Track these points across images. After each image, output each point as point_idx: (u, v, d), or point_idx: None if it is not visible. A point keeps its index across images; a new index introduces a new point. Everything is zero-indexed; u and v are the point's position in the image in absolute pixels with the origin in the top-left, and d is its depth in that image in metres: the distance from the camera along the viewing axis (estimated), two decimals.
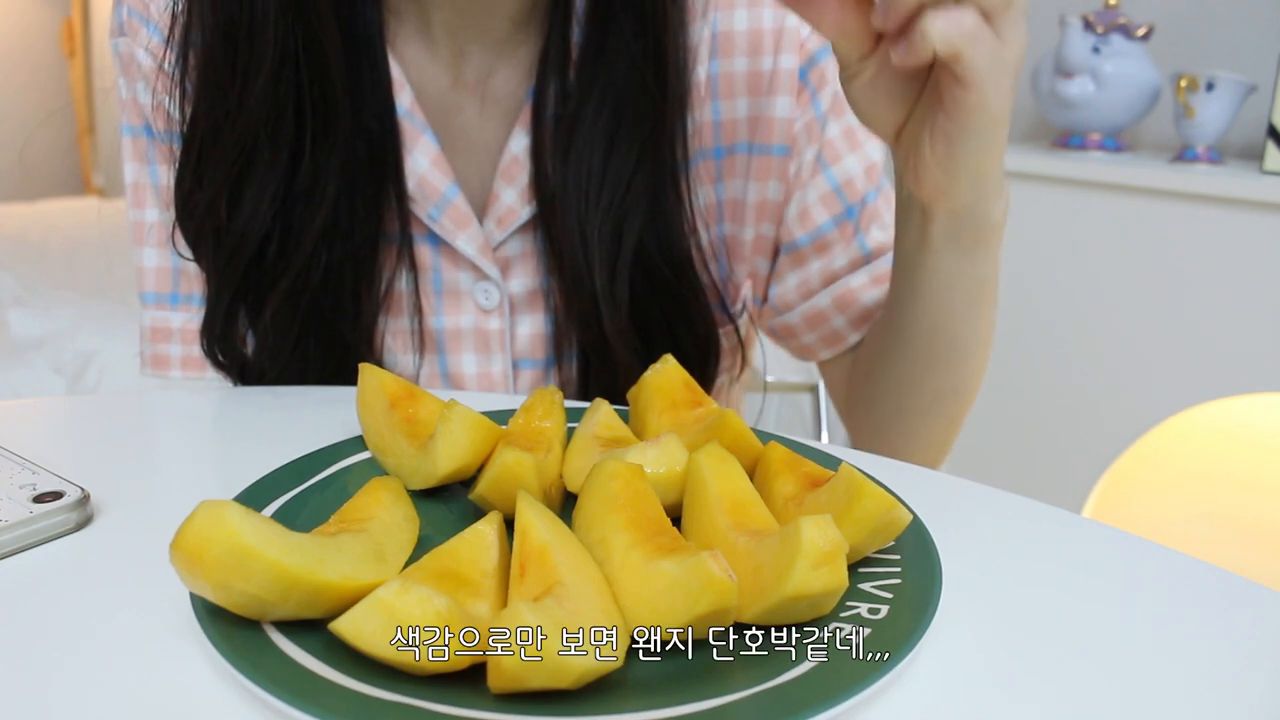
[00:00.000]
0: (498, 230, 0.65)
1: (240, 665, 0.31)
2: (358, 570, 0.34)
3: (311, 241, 0.60)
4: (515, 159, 0.64)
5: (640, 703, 0.30)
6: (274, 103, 0.58)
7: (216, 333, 0.64)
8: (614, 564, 0.36)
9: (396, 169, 0.62)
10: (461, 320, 0.66)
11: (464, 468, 0.44)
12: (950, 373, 0.62)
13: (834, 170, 0.66)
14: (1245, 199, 1.23)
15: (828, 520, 0.33)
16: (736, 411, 0.47)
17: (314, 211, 0.60)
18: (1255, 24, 1.44)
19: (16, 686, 0.32)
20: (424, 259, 0.65)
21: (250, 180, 0.59)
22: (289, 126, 0.59)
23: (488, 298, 0.65)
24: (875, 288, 0.67)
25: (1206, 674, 0.34)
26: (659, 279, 0.63)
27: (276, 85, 0.57)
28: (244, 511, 0.33)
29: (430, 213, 0.64)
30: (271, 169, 0.59)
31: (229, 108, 0.58)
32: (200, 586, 0.32)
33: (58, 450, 0.50)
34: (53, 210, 2.52)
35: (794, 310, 0.70)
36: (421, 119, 0.63)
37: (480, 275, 0.65)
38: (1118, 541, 0.43)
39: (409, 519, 0.41)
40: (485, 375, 0.66)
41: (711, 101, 0.65)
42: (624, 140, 0.61)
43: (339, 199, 0.60)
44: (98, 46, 3.24)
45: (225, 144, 0.58)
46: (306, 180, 0.60)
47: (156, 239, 0.67)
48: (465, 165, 0.65)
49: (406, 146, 0.63)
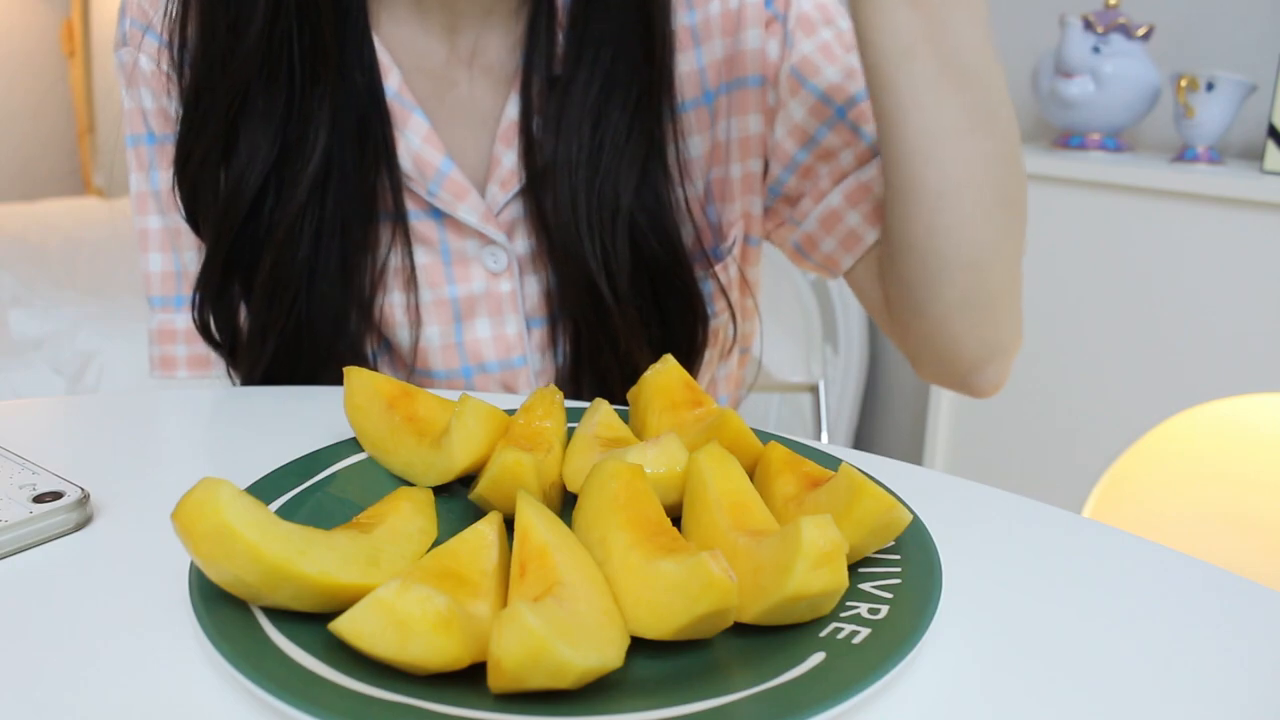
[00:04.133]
0: (501, 193, 0.67)
1: (240, 665, 0.31)
2: (341, 569, 0.34)
3: (304, 191, 0.61)
4: (512, 124, 0.66)
5: (640, 703, 0.30)
6: (267, 50, 0.60)
7: (211, 295, 0.65)
8: (614, 564, 0.36)
9: (389, 150, 0.64)
10: (474, 287, 0.67)
11: (480, 460, 0.45)
12: (928, 171, 0.58)
13: (815, 82, 0.66)
14: (1245, 199, 1.23)
15: (828, 520, 0.33)
16: (735, 409, 0.47)
17: (305, 159, 0.61)
18: (1255, 24, 1.44)
19: (16, 686, 0.32)
20: (429, 234, 0.67)
21: (246, 127, 0.61)
22: (283, 74, 0.61)
23: (495, 261, 0.67)
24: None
25: (1207, 673, 0.34)
26: (648, 251, 0.65)
27: (271, 30, 0.59)
28: (236, 493, 0.33)
29: (429, 188, 0.65)
30: (266, 118, 0.61)
31: (224, 54, 0.60)
32: (196, 560, 0.33)
33: (58, 450, 0.50)
34: (53, 210, 2.52)
35: (810, 217, 0.69)
36: (410, 99, 0.65)
37: (486, 241, 0.67)
38: (1118, 541, 0.43)
39: (424, 531, 0.40)
40: (501, 338, 0.68)
41: (694, 49, 0.67)
42: (614, 109, 0.63)
43: (331, 151, 0.62)
44: (98, 46, 3.24)
45: (220, 90, 0.61)
46: (298, 129, 0.62)
47: (159, 244, 0.70)
48: (465, 135, 0.67)
49: (398, 127, 0.65)
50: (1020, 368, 1.41)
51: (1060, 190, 1.38)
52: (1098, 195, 1.35)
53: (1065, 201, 1.38)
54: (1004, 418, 1.48)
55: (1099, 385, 1.38)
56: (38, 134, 3.29)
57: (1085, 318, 1.39)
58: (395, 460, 0.47)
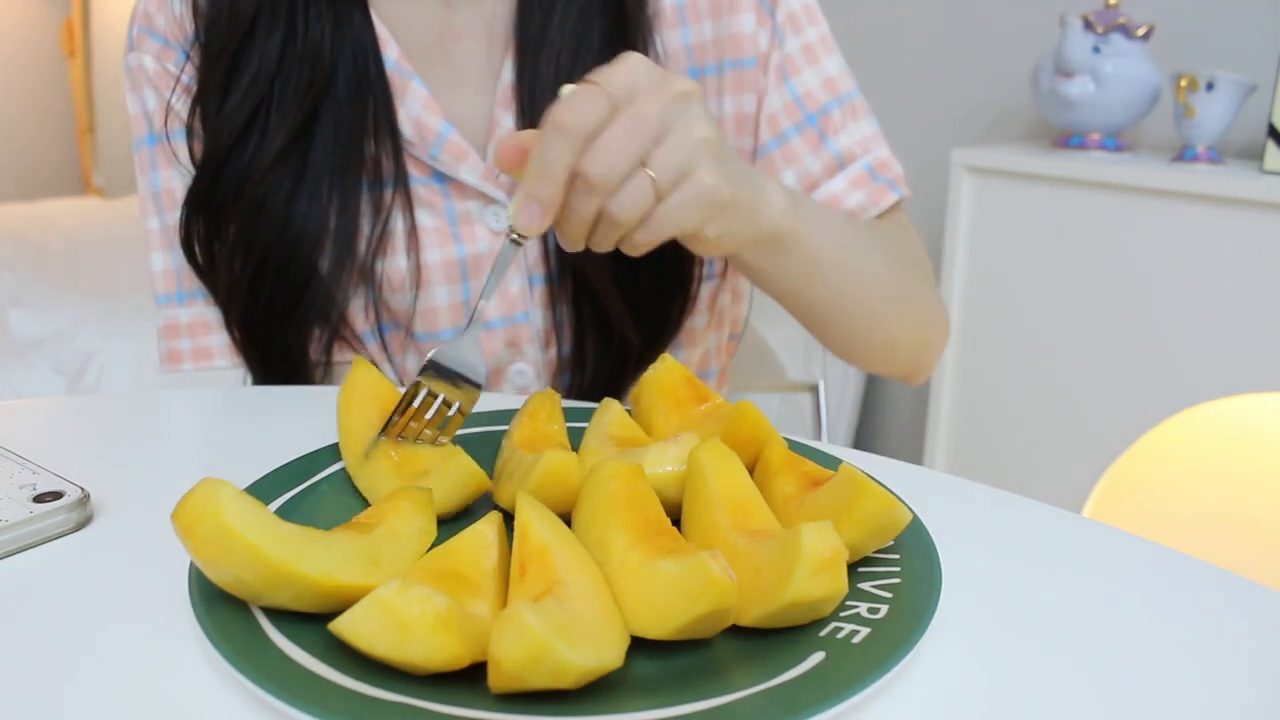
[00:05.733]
0: None
1: (240, 665, 0.31)
2: (342, 570, 0.34)
3: (282, 127, 0.64)
4: (509, 86, 0.67)
5: (640, 703, 0.30)
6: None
7: (197, 218, 0.67)
8: (614, 564, 0.36)
9: (390, 118, 0.66)
10: (479, 246, 0.69)
11: (444, 514, 0.43)
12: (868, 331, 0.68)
13: (794, 82, 0.70)
14: (1245, 199, 1.22)
15: (828, 527, 0.33)
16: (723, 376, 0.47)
17: (287, 98, 0.64)
18: (1255, 24, 1.44)
19: (16, 686, 0.32)
20: (433, 198, 0.68)
21: (246, 56, 0.65)
22: (283, 9, 0.64)
23: (497, 220, 0.69)
24: (855, 190, 0.70)
25: (1207, 673, 0.34)
26: None
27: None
28: (236, 494, 0.33)
29: (431, 152, 0.67)
30: (267, 44, 0.64)
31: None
32: (196, 560, 0.33)
33: (58, 450, 0.50)
34: (53, 210, 2.52)
35: None
36: (409, 68, 0.67)
37: (488, 200, 0.68)
38: (1118, 541, 0.43)
39: (424, 532, 0.40)
40: (505, 294, 0.69)
41: (680, 26, 0.69)
42: (587, 58, 0.65)
43: (314, 103, 0.65)
44: (98, 46, 3.24)
45: (226, 19, 0.65)
46: (293, 65, 0.65)
47: (160, 244, 0.71)
48: (461, 100, 0.69)
49: (398, 95, 0.67)
50: (1020, 367, 1.41)
51: (1060, 190, 1.38)
52: (1098, 195, 1.35)
53: (1065, 201, 1.38)
54: (1004, 418, 1.48)
55: (1099, 385, 1.38)
56: (38, 134, 3.29)
57: (1085, 318, 1.39)
58: (361, 472, 0.45)
